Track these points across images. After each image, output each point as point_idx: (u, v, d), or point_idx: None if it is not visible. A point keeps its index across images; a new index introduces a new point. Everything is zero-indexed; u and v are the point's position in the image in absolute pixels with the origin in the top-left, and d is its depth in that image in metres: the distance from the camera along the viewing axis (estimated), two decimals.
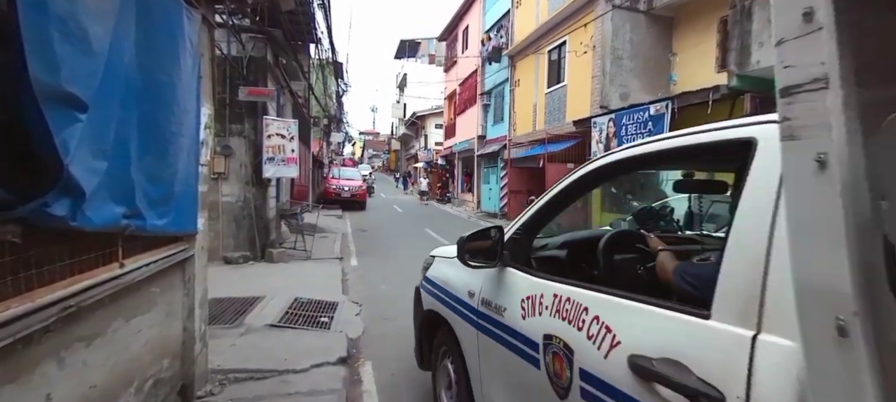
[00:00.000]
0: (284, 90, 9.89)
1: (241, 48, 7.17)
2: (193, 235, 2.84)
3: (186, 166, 2.60)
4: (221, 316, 4.43)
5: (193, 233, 2.83)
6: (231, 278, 6.26)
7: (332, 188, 18.52)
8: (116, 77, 1.83)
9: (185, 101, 2.49)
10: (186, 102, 2.50)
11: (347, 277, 6.72)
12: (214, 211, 7.24)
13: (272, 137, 7.13)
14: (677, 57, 9.65)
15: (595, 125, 10.00)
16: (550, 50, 13.34)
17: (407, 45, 36.43)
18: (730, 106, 7.24)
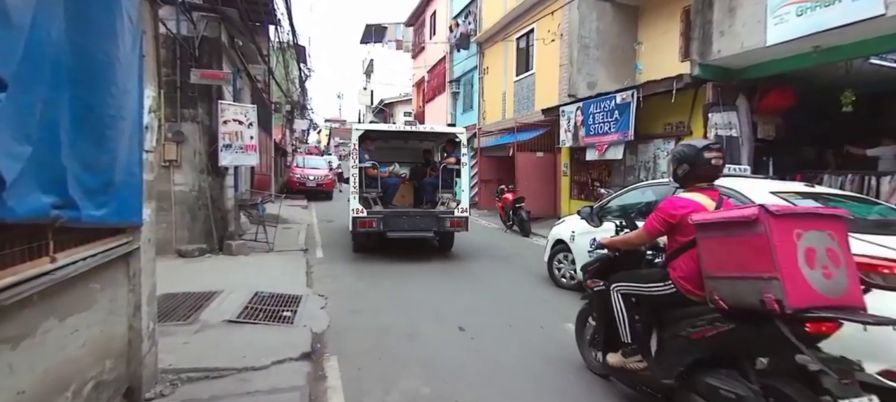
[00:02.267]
0: (242, 74, 9.43)
1: (193, 27, 6.74)
2: (138, 226, 2.63)
3: (128, 153, 2.38)
4: (174, 312, 4.18)
5: (138, 225, 2.62)
6: (185, 272, 5.94)
7: (297, 177, 17.94)
8: (42, 54, 1.65)
9: (125, 81, 2.27)
10: (126, 82, 2.28)
11: (312, 269, 6.52)
12: (166, 201, 6.86)
13: (228, 122, 6.77)
14: (643, 46, 9.85)
15: (563, 114, 10.11)
16: (519, 38, 13.34)
17: (373, 30, 35.57)
18: (693, 95, 7.45)
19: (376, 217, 6.85)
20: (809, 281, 1.83)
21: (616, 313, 2.75)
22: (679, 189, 2.70)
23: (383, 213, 7.00)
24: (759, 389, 1.97)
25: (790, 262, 1.83)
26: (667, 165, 8.17)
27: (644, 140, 8.53)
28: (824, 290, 1.85)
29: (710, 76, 6.93)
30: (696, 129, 7.56)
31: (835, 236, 1.95)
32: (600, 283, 2.96)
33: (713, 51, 6.64)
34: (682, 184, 2.64)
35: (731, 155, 6.86)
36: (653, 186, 4.67)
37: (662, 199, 4.22)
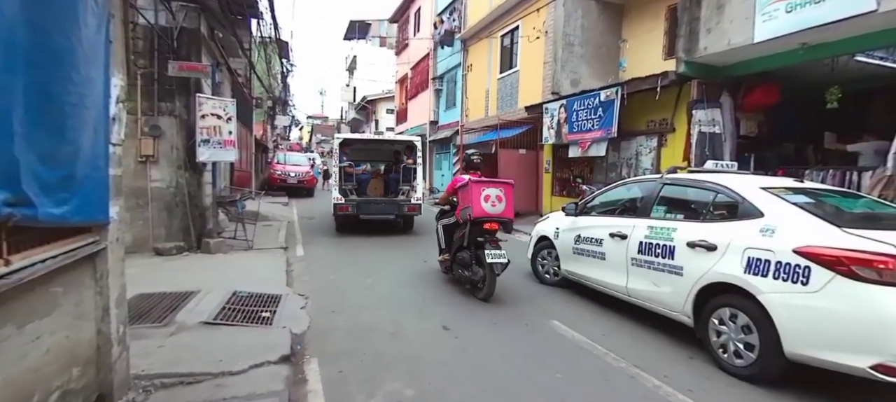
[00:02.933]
0: (222, 67, 9.16)
1: (171, 17, 6.49)
2: (105, 225, 2.48)
3: (93, 145, 2.24)
4: (149, 314, 4.01)
5: (105, 223, 2.46)
6: (162, 271, 5.73)
7: (278, 174, 17.62)
8: None
9: (89, 67, 2.12)
10: (90, 68, 2.13)
11: (292, 267, 6.36)
12: (143, 198, 6.63)
13: (207, 117, 6.55)
14: (627, 43, 9.89)
15: (546, 111, 10.10)
16: (503, 35, 13.30)
17: (357, 26, 35.15)
18: (676, 92, 7.51)
19: (351, 204, 8.72)
20: (484, 208, 4.76)
21: (437, 235, 5.82)
22: (459, 171, 5.14)
23: (356, 200, 8.92)
24: (471, 253, 4.95)
25: (477, 200, 4.75)
26: (651, 163, 8.22)
27: (627, 137, 8.58)
28: (491, 211, 4.78)
29: (695, 73, 6.99)
30: (680, 125, 7.62)
31: (503, 190, 4.89)
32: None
33: (699, 48, 6.68)
34: (463, 169, 5.50)
35: (714, 152, 6.95)
36: (640, 183, 4.67)
37: (649, 194, 4.26)
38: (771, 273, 3.03)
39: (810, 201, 3.36)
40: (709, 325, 3.44)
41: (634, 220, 4.22)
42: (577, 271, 4.94)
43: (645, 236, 3.99)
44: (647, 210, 4.15)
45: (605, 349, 3.71)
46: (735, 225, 3.37)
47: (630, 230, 4.18)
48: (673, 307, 3.73)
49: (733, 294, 3.27)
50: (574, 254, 4.98)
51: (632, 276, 4.14)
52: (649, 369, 3.36)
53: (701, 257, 3.48)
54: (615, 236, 4.34)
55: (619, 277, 4.28)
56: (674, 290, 3.68)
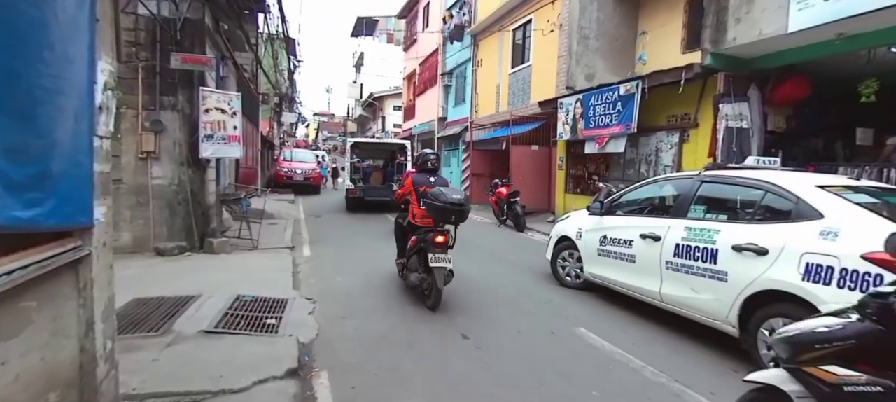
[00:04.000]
0: (227, 61, 8.90)
1: (174, 8, 6.22)
2: (89, 228, 2.19)
3: (73, 137, 1.95)
4: (145, 321, 3.73)
5: (88, 226, 2.17)
6: (162, 272, 5.48)
7: (284, 171, 17.39)
8: None
9: (67, 46, 1.83)
10: (69, 48, 1.84)
11: (299, 269, 6.08)
12: (144, 195, 6.38)
13: (210, 111, 6.28)
14: (647, 35, 9.49)
15: (561, 106, 9.75)
16: (515, 29, 12.93)
17: (364, 23, 34.86)
18: (701, 86, 7.13)
19: (359, 189, 12.11)
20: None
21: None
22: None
23: (363, 187, 12.39)
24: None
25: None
26: (672, 160, 7.86)
27: (646, 133, 8.22)
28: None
29: (721, 66, 6.60)
30: (704, 120, 7.25)
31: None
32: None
33: (727, 39, 6.30)
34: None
35: (741, 147, 6.58)
36: (674, 180, 4.33)
37: (685, 193, 3.93)
38: (834, 281, 2.70)
39: (875, 201, 3.01)
40: (758, 336, 3.11)
41: (669, 220, 3.89)
42: (603, 273, 4.61)
43: (682, 237, 3.67)
44: (684, 210, 3.82)
45: (641, 361, 3.39)
46: (790, 227, 3.03)
47: (664, 231, 3.85)
48: (715, 316, 3.40)
49: (787, 303, 2.94)
50: (599, 255, 4.65)
51: (666, 281, 3.81)
52: (693, 385, 3.03)
53: (749, 262, 3.15)
54: (647, 237, 4.01)
55: (651, 281, 3.95)
56: (716, 297, 3.35)
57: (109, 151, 2.36)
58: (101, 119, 2.25)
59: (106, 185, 2.36)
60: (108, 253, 2.43)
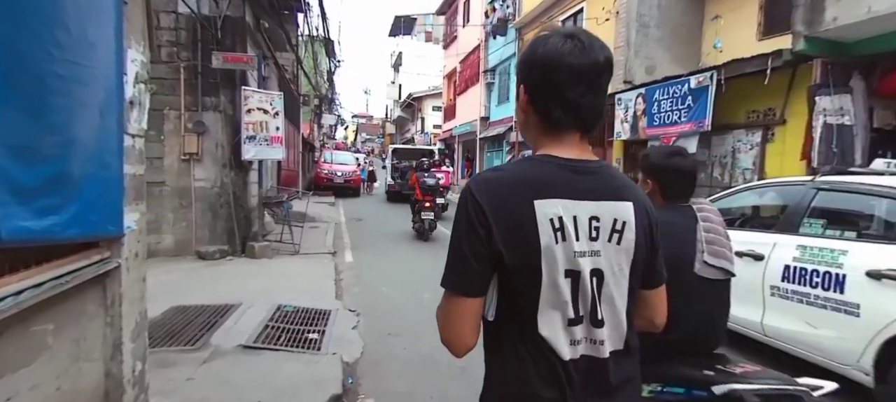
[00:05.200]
0: (268, 61, 8.84)
1: (215, 6, 6.12)
2: (118, 238, 1.91)
3: (98, 135, 1.67)
4: (182, 333, 3.51)
5: (117, 236, 1.90)
6: (203, 277, 5.33)
7: (324, 173, 17.45)
8: None
9: (87, 28, 1.54)
10: (89, 29, 1.56)
11: (341, 276, 5.81)
12: (186, 198, 6.30)
13: (253, 111, 6.13)
14: (722, 19, 8.60)
15: (619, 102, 9.07)
16: (564, 19, 12.30)
17: (402, 22, 34.94)
18: (789, 76, 6.30)
19: (397, 184, 14.98)
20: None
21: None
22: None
23: (401, 183, 14.55)
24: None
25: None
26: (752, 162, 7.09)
27: (720, 131, 7.41)
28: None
29: (817, 51, 5.75)
30: (793, 116, 6.41)
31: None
32: None
33: (825, 19, 5.45)
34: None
35: (843, 148, 5.73)
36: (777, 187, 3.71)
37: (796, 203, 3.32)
38: None
39: None
40: None
41: (774, 236, 3.29)
42: None
43: (793, 258, 3.07)
44: (795, 224, 3.21)
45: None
46: None
47: (768, 249, 3.26)
48: (840, 358, 2.79)
49: None
50: None
51: (771, 310, 3.22)
52: None
53: (892, 294, 2.54)
54: (745, 255, 3.41)
55: (749, 309, 3.36)
56: (843, 335, 2.75)
57: (143, 151, 2.09)
58: (133, 115, 1.97)
59: (139, 188, 2.09)
60: (140, 264, 2.16)
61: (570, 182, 0.83)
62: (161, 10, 6.07)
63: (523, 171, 0.87)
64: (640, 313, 0.95)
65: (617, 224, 0.85)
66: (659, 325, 1.00)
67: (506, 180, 0.85)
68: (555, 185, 0.82)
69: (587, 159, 0.87)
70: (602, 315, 0.84)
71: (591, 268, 0.83)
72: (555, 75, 0.83)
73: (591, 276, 0.83)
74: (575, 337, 0.83)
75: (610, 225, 0.84)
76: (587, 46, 0.83)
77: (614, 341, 0.86)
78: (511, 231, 0.80)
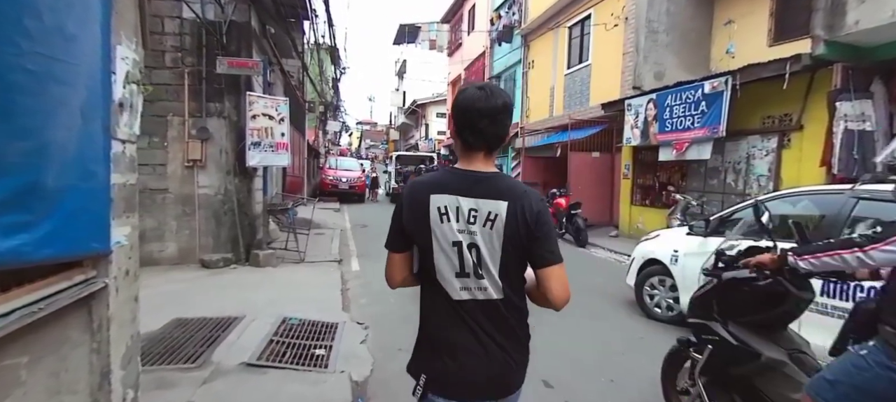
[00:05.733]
0: (274, 67, 8.71)
1: (220, 11, 5.98)
2: (104, 256, 1.73)
3: (80, 140, 1.48)
4: (182, 349, 3.32)
5: (104, 253, 1.71)
6: (206, 287, 5.16)
7: (329, 179, 17.36)
8: None
9: (64, 18, 1.36)
10: (67, 20, 1.37)
11: (348, 285, 5.62)
12: (190, 205, 6.15)
13: (258, 117, 5.97)
14: (735, 24, 8.42)
15: (629, 108, 8.87)
16: (572, 26, 12.13)
17: (406, 30, 34.90)
18: (807, 81, 6.10)
19: (401, 187, 13.88)
20: None
21: None
22: None
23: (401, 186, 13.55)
24: None
25: None
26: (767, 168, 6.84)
27: (734, 137, 7.21)
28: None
29: (837, 56, 5.58)
30: (810, 122, 6.21)
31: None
32: None
33: (847, 23, 5.29)
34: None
35: (864, 154, 5.52)
36: (812, 196, 3.48)
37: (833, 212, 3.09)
38: None
39: None
40: None
41: None
42: None
43: None
44: (833, 235, 2.98)
45: None
46: None
47: None
48: None
49: None
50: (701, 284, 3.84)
51: (807, 325, 2.97)
52: None
53: None
54: None
55: None
56: None
57: (135, 159, 1.91)
58: (123, 119, 1.79)
59: (130, 199, 1.90)
60: (132, 283, 1.97)
61: (462, 184, 1.21)
62: (165, 15, 5.97)
63: (435, 176, 1.27)
64: (539, 290, 1.26)
65: (491, 215, 1.19)
66: (553, 301, 1.24)
67: (421, 181, 1.27)
68: (449, 185, 1.21)
69: (483, 171, 1.24)
70: (482, 273, 1.21)
71: (468, 242, 1.20)
72: (468, 114, 1.21)
73: (470, 247, 1.20)
74: (463, 285, 1.22)
75: (485, 215, 1.20)
76: (491, 95, 1.21)
77: (494, 292, 1.22)
78: (412, 212, 1.23)
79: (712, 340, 2.21)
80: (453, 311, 1.23)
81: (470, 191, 1.20)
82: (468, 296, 1.22)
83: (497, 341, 1.23)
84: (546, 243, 1.22)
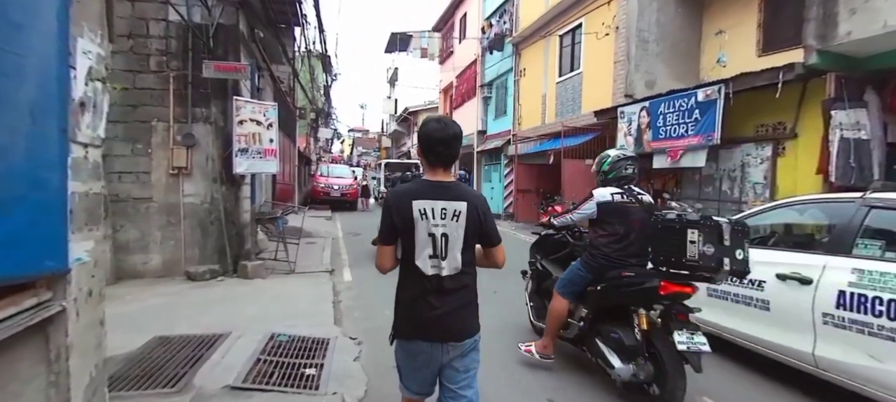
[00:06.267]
0: (264, 73, 8.51)
1: (207, 14, 5.80)
2: (62, 275, 1.53)
3: (28, 144, 1.30)
4: (162, 371, 3.10)
5: (61, 272, 1.51)
6: (191, 301, 4.92)
7: (321, 187, 17.11)
8: None
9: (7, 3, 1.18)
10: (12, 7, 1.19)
11: (340, 297, 5.41)
12: (175, 215, 5.92)
13: (245, 123, 5.77)
14: (726, 34, 8.46)
15: (622, 115, 8.80)
16: (563, 34, 12.11)
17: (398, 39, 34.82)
18: (800, 90, 6.09)
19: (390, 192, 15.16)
20: None
21: None
22: None
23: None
24: None
25: None
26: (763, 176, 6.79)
27: (728, 145, 7.16)
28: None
29: (829, 65, 5.58)
30: (805, 131, 6.18)
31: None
32: None
33: (839, 34, 5.28)
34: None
35: (860, 162, 5.48)
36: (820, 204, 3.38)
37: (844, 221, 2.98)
38: None
39: None
40: None
41: (823, 257, 2.94)
42: (714, 319, 3.66)
43: (849, 282, 2.71)
44: (846, 245, 2.86)
45: None
46: None
47: (817, 273, 2.90)
48: None
49: None
50: (708, 296, 3.71)
51: (824, 339, 2.85)
52: None
53: None
54: (789, 278, 3.07)
55: (797, 338, 2.99)
56: None
57: (99, 165, 1.71)
58: (85, 120, 1.60)
59: (93, 210, 1.70)
60: (95, 305, 1.76)
61: (432, 192, 1.73)
62: (150, 17, 5.78)
63: (411, 186, 1.78)
64: (487, 259, 1.88)
65: (455, 212, 1.71)
66: (497, 265, 1.90)
67: (401, 190, 1.78)
68: (424, 192, 1.72)
69: (445, 181, 1.76)
70: (447, 255, 1.73)
71: (441, 233, 1.71)
72: (429, 141, 1.74)
73: (442, 237, 1.71)
74: (433, 264, 1.73)
75: (452, 213, 1.71)
76: (445, 127, 1.75)
77: (453, 268, 1.74)
78: (400, 214, 1.71)
79: (535, 269, 4.06)
80: (425, 284, 1.75)
81: (440, 195, 1.72)
82: (436, 271, 1.74)
83: (455, 298, 1.77)
84: (493, 231, 1.83)
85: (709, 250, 2.50)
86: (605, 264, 3.04)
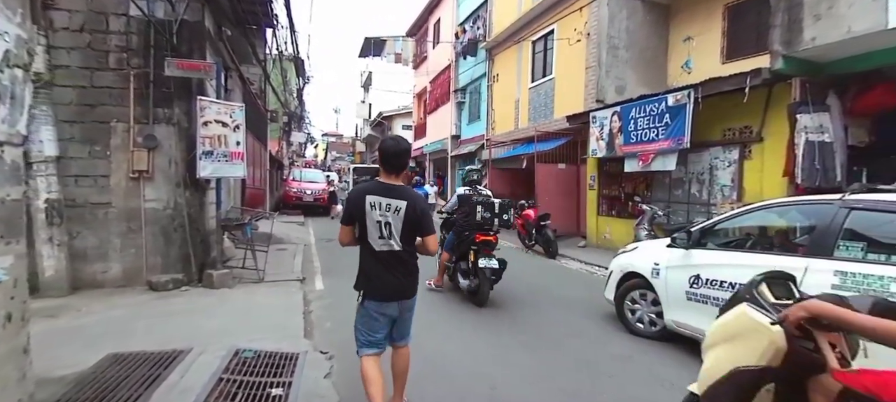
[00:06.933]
0: (232, 73, 8.18)
1: (170, 9, 5.49)
2: None
3: None
4: (114, 394, 2.84)
5: None
6: (151, 313, 4.60)
7: (294, 191, 16.65)
8: None
9: None
10: None
11: (311, 307, 5.17)
12: (136, 221, 5.57)
13: (210, 124, 5.47)
14: (693, 41, 8.67)
15: (594, 120, 8.89)
16: (535, 40, 12.19)
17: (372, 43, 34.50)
18: (766, 94, 6.25)
19: None
20: None
21: None
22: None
23: None
24: None
25: None
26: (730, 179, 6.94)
27: (697, 149, 7.31)
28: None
29: (795, 70, 5.76)
30: (771, 134, 6.35)
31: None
32: None
33: (804, 39, 5.45)
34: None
35: (825, 164, 5.65)
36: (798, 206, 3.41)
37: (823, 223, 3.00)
38: None
39: None
40: None
41: (804, 260, 2.96)
42: (696, 324, 3.64)
43: (831, 285, 2.73)
44: (827, 247, 2.89)
45: None
46: None
47: (798, 275, 2.90)
48: None
49: None
50: (689, 301, 3.70)
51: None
52: None
53: None
54: None
55: None
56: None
57: (20, 166, 1.50)
58: (0, 113, 1.39)
59: (12, 221, 1.49)
60: (16, 332, 1.54)
61: (382, 190, 2.44)
62: (110, 12, 5.44)
63: (368, 185, 2.49)
64: (420, 248, 2.58)
65: (397, 208, 2.41)
66: (429, 253, 2.62)
67: (361, 187, 2.52)
68: (375, 190, 2.44)
69: (393, 184, 2.47)
70: (390, 237, 2.44)
71: (385, 221, 2.42)
72: (386, 154, 2.48)
73: (386, 224, 2.42)
74: (382, 243, 2.45)
75: (394, 208, 2.41)
76: (397, 143, 2.49)
77: (397, 247, 2.46)
78: (356, 204, 2.44)
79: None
80: (377, 257, 2.45)
81: (387, 194, 2.41)
82: (386, 248, 2.44)
83: (399, 270, 2.48)
84: (427, 224, 2.49)
85: (487, 215, 5.17)
86: (461, 230, 5.35)
